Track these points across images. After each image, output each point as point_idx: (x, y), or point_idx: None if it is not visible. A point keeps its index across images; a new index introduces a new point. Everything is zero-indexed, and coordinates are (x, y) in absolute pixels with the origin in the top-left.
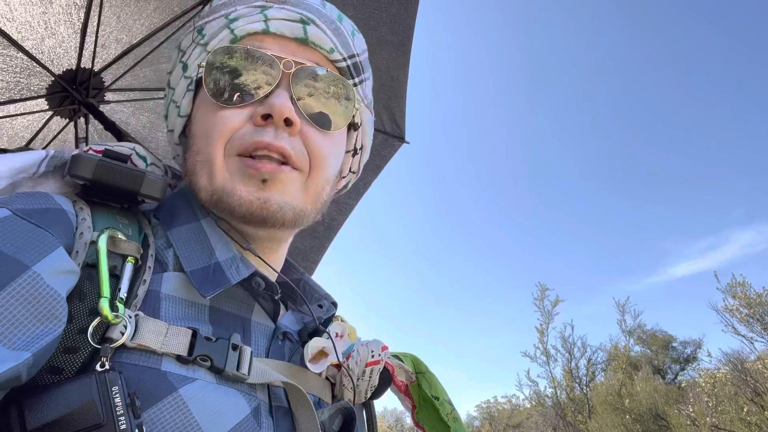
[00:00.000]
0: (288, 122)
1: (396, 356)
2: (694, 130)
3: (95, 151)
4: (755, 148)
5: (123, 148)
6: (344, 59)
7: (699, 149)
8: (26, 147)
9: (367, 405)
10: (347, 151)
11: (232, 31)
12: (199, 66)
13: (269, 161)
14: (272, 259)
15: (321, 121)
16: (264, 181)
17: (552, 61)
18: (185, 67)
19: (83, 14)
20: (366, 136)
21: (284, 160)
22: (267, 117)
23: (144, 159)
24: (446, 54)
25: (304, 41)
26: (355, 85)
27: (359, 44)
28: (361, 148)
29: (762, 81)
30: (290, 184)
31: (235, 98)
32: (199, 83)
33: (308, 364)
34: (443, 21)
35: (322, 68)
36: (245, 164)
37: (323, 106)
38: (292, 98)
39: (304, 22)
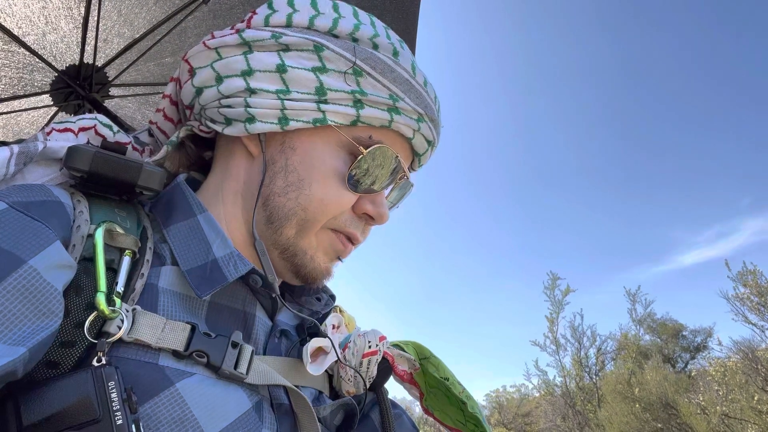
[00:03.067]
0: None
1: (397, 345)
2: (701, 118)
3: (57, 130)
4: (763, 135)
5: (85, 120)
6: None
7: (706, 137)
8: (22, 140)
9: (379, 393)
10: None
11: (390, 121)
12: (371, 140)
13: (349, 244)
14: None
15: None
16: (337, 258)
17: (561, 48)
18: (321, 91)
19: (83, 8)
20: None
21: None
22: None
23: (109, 127)
24: (449, 43)
25: (416, 154)
26: None
27: None
28: None
29: None
30: None
31: (358, 187)
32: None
33: (308, 367)
34: (444, 10)
35: (412, 183)
36: (339, 241)
37: (392, 203)
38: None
39: (430, 144)
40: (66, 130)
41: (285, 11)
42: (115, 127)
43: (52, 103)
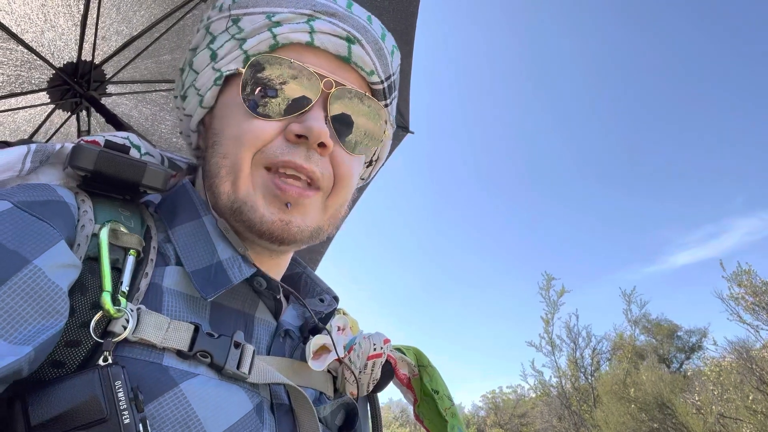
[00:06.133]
0: (321, 145)
1: (399, 349)
2: (692, 118)
3: (86, 141)
4: (755, 134)
5: (116, 137)
6: (382, 81)
7: (698, 136)
8: (29, 139)
9: (371, 398)
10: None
11: (274, 36)
12: (238, 70)
13: (296, 182)
14: (275, 263)
15: (352, 144)
16: (287, 204)
17: (555, 51)
18: (214, 56)
19: (83, 6)
20: (384, 149)
21: (310, 182)
22: (301, 136)
23: (138, 148)
24: (448, 43)
25: (346, 60)
26: (386, 105)
27: (396, 61)
28: (376, 160)
29: (761, 69)
30: (312, 206)
31: (270, 111)
32: (228, 79)
33: (310, 363)
34: (445, 10)
35: (360, 91)
36: (273, 183)
37: (356, 129)
38: (326, 118)
39: (349, 40)
40: (93, 142)
41: (202, 25)
42: (144, 148)
43: (49, 100)
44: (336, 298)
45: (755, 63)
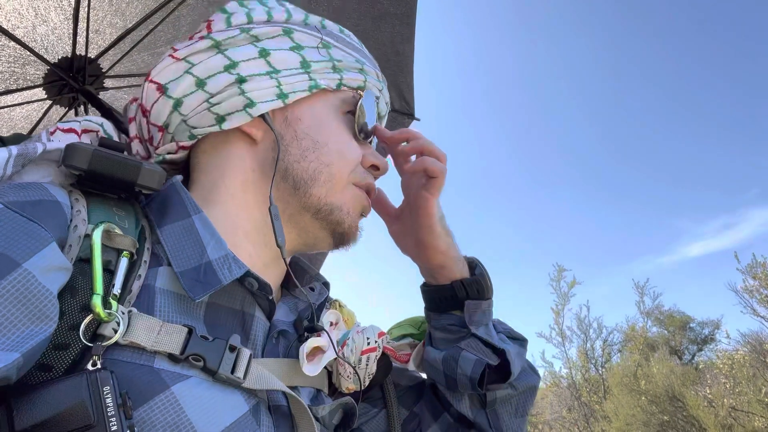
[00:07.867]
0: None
1: (397, 327)
2: (707, 107)
3: (62, 130)
4: None
5: (91, 123)
6: None
7: (714, 125)
8: (26, 135)
9: (385, 389)
10: None
11: (365, 80)
12: (356, 96)
13: (370, 199)
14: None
15: None
16: (361, 214)
17: (567, 30)
18: (306, 65)
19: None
20: None
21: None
22: (374, 166)
23: (110, 137)
24: (454, 23)
25: (379, 116)
26: None
27: None
28: None
29: None
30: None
31: (362, 138)
32: (323, 90)
33: (304, 369)
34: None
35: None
36: (362, 195)
37: None
38: None
39: (387, 105)
40: (70, 130)
41: (242, 11)
42: (115, 138)
43: (45, 96)
44: (326, 284)
45: None
